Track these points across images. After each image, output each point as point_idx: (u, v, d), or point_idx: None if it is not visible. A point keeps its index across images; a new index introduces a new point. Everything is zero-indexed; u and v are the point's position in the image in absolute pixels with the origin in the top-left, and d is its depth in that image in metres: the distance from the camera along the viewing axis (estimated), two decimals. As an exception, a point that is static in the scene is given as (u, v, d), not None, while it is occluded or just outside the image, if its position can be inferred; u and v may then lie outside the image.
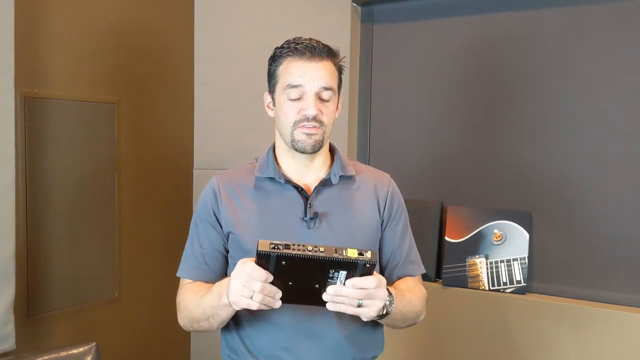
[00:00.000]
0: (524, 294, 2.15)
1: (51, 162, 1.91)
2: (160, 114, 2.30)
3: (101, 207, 2.08)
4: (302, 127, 1.25)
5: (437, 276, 2.32)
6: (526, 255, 2.16)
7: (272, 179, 1.31)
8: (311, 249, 1.04)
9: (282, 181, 1.30)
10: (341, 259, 1.05)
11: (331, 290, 1.10)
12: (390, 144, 2.50)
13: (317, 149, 1.28)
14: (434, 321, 2.22)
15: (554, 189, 2.15)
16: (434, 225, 2.32)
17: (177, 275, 1.36)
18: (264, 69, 1.35)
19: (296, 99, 1.25)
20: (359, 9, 2.53)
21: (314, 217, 1.27)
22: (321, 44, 1.28)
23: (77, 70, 1.98)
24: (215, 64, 2.34)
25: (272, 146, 1.37)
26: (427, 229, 2.32)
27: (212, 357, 2.11)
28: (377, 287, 1.11)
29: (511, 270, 2.17)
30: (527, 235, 2.17)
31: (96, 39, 2.03)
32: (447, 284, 2.25)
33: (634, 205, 2.01)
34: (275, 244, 1.04)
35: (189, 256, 1.35)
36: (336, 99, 1.31)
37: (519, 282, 2.16)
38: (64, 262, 1.97)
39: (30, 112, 1.84)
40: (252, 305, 1.09)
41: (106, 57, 2.07)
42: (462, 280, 2.23)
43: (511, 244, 2.19)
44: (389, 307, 1.18)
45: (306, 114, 1.24)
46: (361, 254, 1.06)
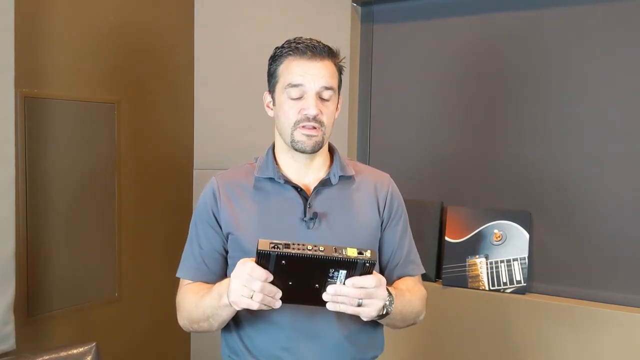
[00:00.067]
0: (524, 294, 2.15)
1: (51, 162, 1.91)
2: (160, 114, 2.30)
3: (101, 207, 2.08)
4: (303, 127, 1.25)
5: (437, 276, 2.32)
6: (526, 255, 2.16)
7: (272, 179, 1.31)
8: (311, 248, 1.04)
9: (282, 181, 1.30)
10: (341, 258, 1.05)
11: (331, 289, 1.10)
12: (390, 144, 2.50)
13: (317, 149, 1.28)
14: (434, 321, 2.22)
15: (554, 189, 2.15)
16: (434, 225, 2.32)
17: (176, 275, 1.36)
18: (264, 69, 1.35)
19: (296, 99, 1.25)
20: (359, 9, 2.53)
21: (314, 217, 1.27)
22: (322, 44, 1.28)
23: (77, 70, 1.98)
24: (215, 64, 2.34)
25: (271, 146, 1.37)
26: (427, 229, 2.32)
27: (212, 357, 2.11)
28: (377, 287, 1.11)
29: (511, 270, 2.17)
30: (527, 235, 2.17)
31: (96, 39, 2.03)
32: (447, 284, 2.25)
33: (634, 205, 2.01)
34: (275, 244, 1.04)
35: (188, 257, 1.35)
36: (336, 99, 1.31)
37: (519, 282, 2.16)
38: (64, 262, 1.97)
39: (30, 112, 1.84)
40: (253, 305, 1.09)
41: (106, 57, 2.07)
42: (462, 280, 2.23)
43: (511, 244, 2.19)
44: (389, 307, 1.18)
45: (307, 114, 1.24)
46: (360, 253, 1.06)
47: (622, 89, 2.03)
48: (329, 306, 1.11)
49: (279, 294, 1.10)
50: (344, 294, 1.10)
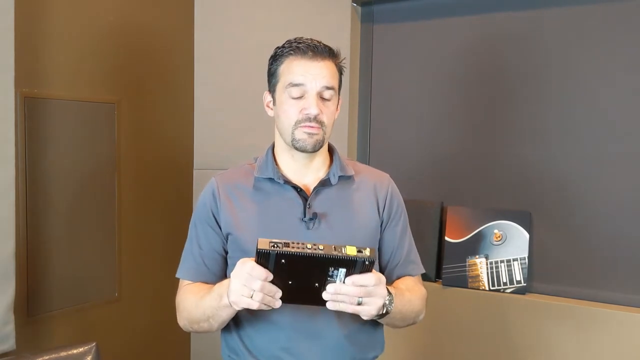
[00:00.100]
0: (524, 294, 2.15)
1: (51, 162, 1.91)
2: (160, 114, 2.30)
3: (101, 207, 2.08)
4: (304, 126, 1.25)
5: (437, 276, 2.32)
6: (526, 255, 2.16)
7: (271, 180, 1.31)
8: (310, 247, 1.04)
9: (281, 182, 1.30)
10: (340, 257, 1.05)
11: (331, 288, 1.10)
12: (390, 144, 2.50)
13: (318, 148, 1.28)
14: (434, 321, 2.23)
15: (554, 189, 2.15)
16: (434, 225, 2.32)
17: (176, 276, 1.36)
18: (264, 69, 1.35)
19: (297, 98, 1.25)
20: (359, 9, 2.53)
21: (313, 217, 1.27)
22: (322, 44, 1.28)
23: (77, 70, 1.98)
24: (215, 64, 2.34)
25: (271, 146, 1.37)
26: (427, 229, 2.32)
27: (212, 357, 2.11)
28: (376, 285, 1.11)
29: (511, 270, 2.17)
30: (527, 235, 2.17)
31: (96, 39, 2.03)
32: (447, 284, 2.25)
33: (634, 205, 2.01)
34: (274, 242, 1.04)
35: (187, 257, 1.35)
36: (337, 99, 1.31)
37: (519, 282, 2.16)
38: (64, 262, 1.97)
39: (30, 112, 1.84)
40: (253, 304, 1.09)
41: (106, 57, 2.07)
42: (462, 280, 2.23)
43: (511, 244, 2.19)
44: (389, 306, 1.18)
45: (308, 113, 1.24)
46: (360, 251, 1.06)
47: (622, 89, 2.03)
48: (329, 305, 1.11)
49: (279, 293, 1.10)
50: (344, 293, 1.10)
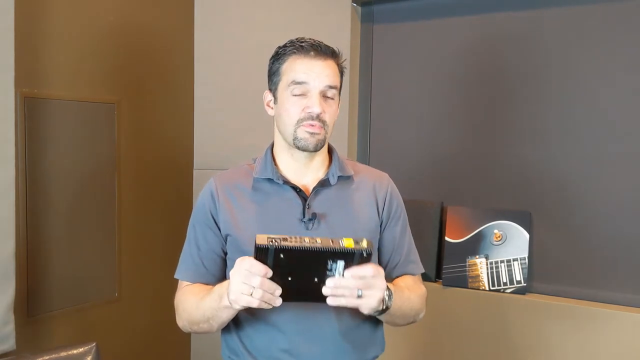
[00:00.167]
0: (524, 294, 2.14)
1: (51, 162, 1.91)
2: (160, 114, 2.30)
3: (101, 207, 2.08)
4: (306, 125, 1.24)
5: (437, 276, 2.32)
6: (526, 255, 2.16)
7: (270, 180, 1.30)
8: (308, 241, 1.06)
9: (280, 182, 1.29)
10: (338, 249, 1.06)
11: (330, 282, 1.09)
12: (390, 144, 2.50)
13: (319, 147, 1.28)
14: (434, 321, 2.23)
15: (554, 189, 2.15)
16: (434, 225, 2.32)
17: (174, 277, 1.36)
18: (264, 69, 1.35)
19: (300, 97, 1.25)
20: (359, 9, 2.53)
21: (313, 218, 1.27)
22: (324, 44, 1.28)
23: (77, 70, 1.98)
24: (215, 64, 2.34)
25: (269, 146, 1.37)
26: (427, 229, 2.32)
27: (212, 357, 2.11)
28: (375, 276, 1.11)
29: (511, 270, 2.17)
30: (527, 235, 2.17)
31: (96, 39, 2.03)
32: (447, 284, 2.25)
33: (634, 205, 2.01)
34: (272, 238, 1.06)
35: (186, 258, 1.34)
36: (338, 99, 1.31)
37: (519, 282, 2.16)
38: (64, 262, 1.97)
39: (30, 112, 1.84)
40: (252, 302, 1.08)
41: (106, 57, 2.07)
42: (462, 280, 2.23)
43: (511, 244, 2.19)
44: (388, 301, 1.18)
45: (310, 112, 1.24)
46: (357, 242, 1.08)
47: (622, 89, 2.03)
48: (330, 301, 1.11)
49: (279, 290, 1.09)
50: (343, 286, 1.09)
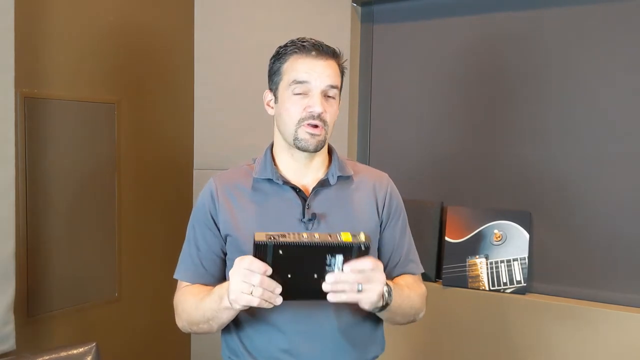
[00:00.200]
0: (524, 294, 2.14)
1: (51, 162, 1.91)
2: (160, 114, 2.30)
3: (101, 207, 2.08)
4: (307, 125, 1.24)
5: (437, 276, 2.32)
6: (526, 255, 2.16)
7: (270, 180, 1.30)
8: (306, 236, 1.07)
9: (280, 182, 1.29)
10: (336, 243, 1.07)
11: (330, 278, 1.09)
12: (390, 144, 2.50)
13: (319, 148, 1.28)
14: (434, 321, 2.23)
15: (554, 189, 2.15)
16: (434, 225, 2.32)
17: (174, 277, 1.36)
18: (264, 69, 1.35)
19: (301, 96, 1.25)
20: (359, 9, 2.53)
21: (312, 218, 1.27)
22: (326, 45, 1.28)
23: (77, 70, 1.98)
24: (215, 64, 2.34)
25: (269, 147, 1.37)
26: (427, 229, 2.32)
27: (212, 357, 2.11)
28: (374, 269, 1.11)
29: (511, 270, 2.17)
30: (527, 235, 2.17)
31: (96, 39, 2.03)
32: (447, 284, 2.25)
33: (634, 205, 2.01)
34: (271, 235, 1.06)
35: (186, 258, 1.34)
36: (339, 99, 1.31)
37: (519, 282, 2.16)
38: (64, 262, 1.97)
39: (30, 112, 1.84)
40: (253, 301, 1.08)
41: (106, 57, 2.07)
42: (462, 280, 2.23)
43: (511, 244, 2.19)
44: (388, 297, 1.18)
45: (312, 111, 1.24)
46: (354, 236, 1.09)
47: (622, 89, 2.03)
48: (330, 297, 1.10)
49: (279, 288, 1.09)
50: (343, 281, 1.09)
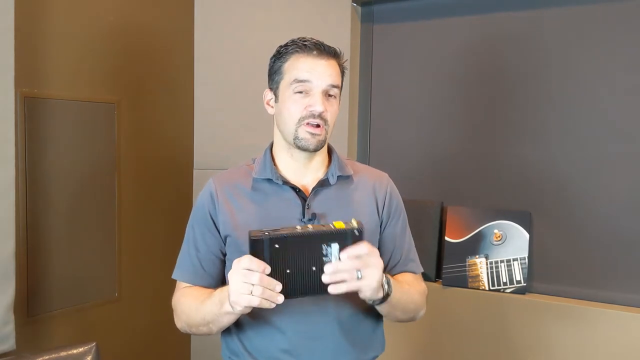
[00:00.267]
0: (524, 294, 2.15)
1: (51, 162, 1.91)
2: (160, 114, 2.30)
3: (101, 207, 2.08)
4: (307, 124, 1.24)
5: (437, 276, 2.32)
6: (526, 255, 2.16)
7: (270, 180, 1.30)
8: (300, 228, 1.09)
9: (280, 182, 1.29)
10: (330, 231, 1.09)
11: (329, 268, 1.10)
12: (390, 144, 2.50)
13: (319, 147, 1.27)
14: (434, 321, 2.23)
15: (554, 189, 2.15)
16: (434, 225, 2.32)
17: (172, 277, 1.35)
18: (264, 69, 1.35)
19: (302, 95, 1.25)
20: (359, 9, 2.53)
21: (312, 218, 1.26)
22: (326, 44, 1.28)
23: (77, 70, 1.98)
24: (215, 64, 2.34)
25: (269, 146, 1.36)
26: (427, 229, 2.32)
27: (212, 357, 2.11)
28: (370, 253, 1.12)
29: (511, 270, 2.17)
30: (527, 235, 2.17)
31: (96, 39, 2.03)
32: (447, 284, 2.25)
33: (634, 205, 2.01)
34: (265, 230, 1.09)
35: (184, 259, 1.34)
36: (339, 98, 1.31)
37: (519, 282, 2.16)
38: (64, 262, 1.97)
39: (30, 112, 1.84)
40: (253, 301, 1.07)
41: (106, 57, 2.07)
42: (462, 280, 2.23)
43: (511, 244, 2.19)
44: (388, 288, 1.18)
45: (313, 110, 1.23)
46: (347, 223, 1.11)
47: (622, 89, 2.03)
48: (331, 290, 1.11)
49: (279, 286, 1.09)
50: (342, 269, 1.10)
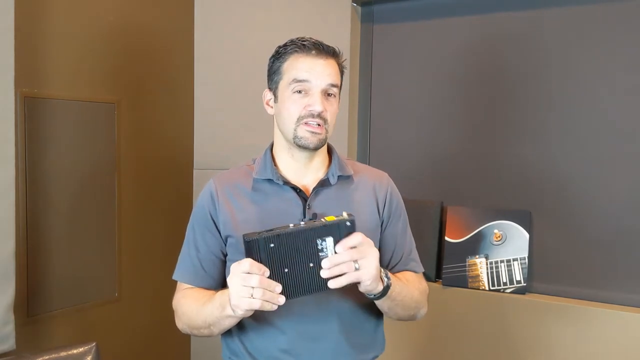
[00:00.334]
0: (524, 294, 2.15)
1: (51, 162, 1.91)
2: (160, 114, 2.30)
3: (101, 207, 2.08)
4: (306, 124, 1.24)
5: (437, 276, 2.32)
6: (526, 255, 2.16)
7: (270, 181, 1.30)
8: (292, 226, 1.11)
9: (280, 182, 1.29)
10: (322, 224, 1.11)
11: (326, 263, 1.11)
12: (390, 144, 2.50)
13: (320, 146, 1.27)
14: (434, 321, 2.23)
15: (554, 189, 2.15)
16: (434, 225, 2.32)
17: (173, 278, 1.35)
18: (264, 69, 1.35)
19: (302, 95, 1.25)
20: (359, 9, 2.53)
21: (313, 218, 1.26)
22: (325, 44, 1.28)
23: (77, 70, 1.98)
24: (215, 64, 2.34)
25: (269, 147, 1.36)
26: (427, 229, 2.32)
27: (212, 358, 2.11)
28: (364, 242, 1.13)
29: (511, 270, 2.17)
30: (527, 235, 2.17)
31: (96, 39, 2.03)
32: (447, 284, 2.25)
33: (634, 205, 2.01)
34: (258, 231, 1.10)
35: (185, 260, 1.34)
36: (339, 98, 1.31)
37: (519, 282, 2.16)
38: (64, 262, 1.97)
39: (30, 112, 1.84)
40: (254, 303, 1.07)
41: (106, 57, 2.07)
42: (462, 280, 2.23)
43: (511, 244, 2.19)
44: (387, 280, 1.19)
45: (312, 110, 1.23)
46: (337, 217, 1.13)
47: (622, 89, 2.03)
48: (331, 284, 1.11)
49: (279, 287, 1.09)
50: (339, 262, 1.11)
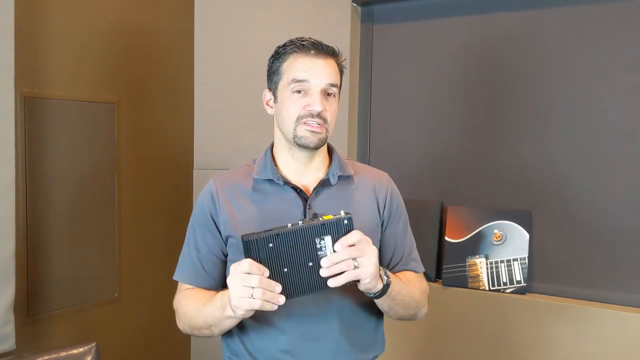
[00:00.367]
0: (524, 294, 2.15)
1: (51, 162, 1.91)
2: (160, 114, 2.30)
3: (101, 207, 2.08)
4: (306, 123, 1.24)
5: (437, 276, 2.32)
6: (526, 255, 2.16)
7: (270, 181, 1.30)
8: (291, 225, 1.11)
9: (281, 182, 1.29)
10: (319, 223, 1.12)
11: (325, 261, 1.11)
12: (390, 144, 2.50)
13: (320, 145, 1.27)
14: (434, 321, 2.23)
15: (554, 189, 2.15)
16: (434, 225, 2.32)
17: (173, 278, 1.35)
18: (263, 69, 1.35)
19: (301, 95, 1.25)
20: (359, 9, 2.54)
21: (313, 218, 1.26)
22: (325, 44, 1.28)
23: (77, 70, 1.98)
24: (215, 64, 2.34)
25: (269, 147, 1.36)
26: (427, 229, 2.32)
27: (212, 358, 2.11)
28: (362, 240, 1.13)
29: (511, 270, 2.17)
30: (527, 235, 2.17)
31: (96, 39, 2.03)
32: (447, 284, 2.25)
33: (634, 204, 2.01)
34: (257, 232, 1.11)
35: (185, 260, 1.34)
36: (338, 98, 1.31)
37: (519, 282, 2.16)
38: (64, 262, 1.97)
39: (30, 112, 1.84)
40: (254, 304, 1.08)
41: (106, 57, 2.07)
42: (462, 280, 2.23)
43: (511, 244, 2.19)
44: (387, 278, 1.19)
45: (311, 110, 1.23)
46: (335, 215, 1.14)
47: (622, 89, 2.03)
48: (331, 283, 1.12)
49: (279, 287, 1.09)
50: (338, 260, 1.11)
